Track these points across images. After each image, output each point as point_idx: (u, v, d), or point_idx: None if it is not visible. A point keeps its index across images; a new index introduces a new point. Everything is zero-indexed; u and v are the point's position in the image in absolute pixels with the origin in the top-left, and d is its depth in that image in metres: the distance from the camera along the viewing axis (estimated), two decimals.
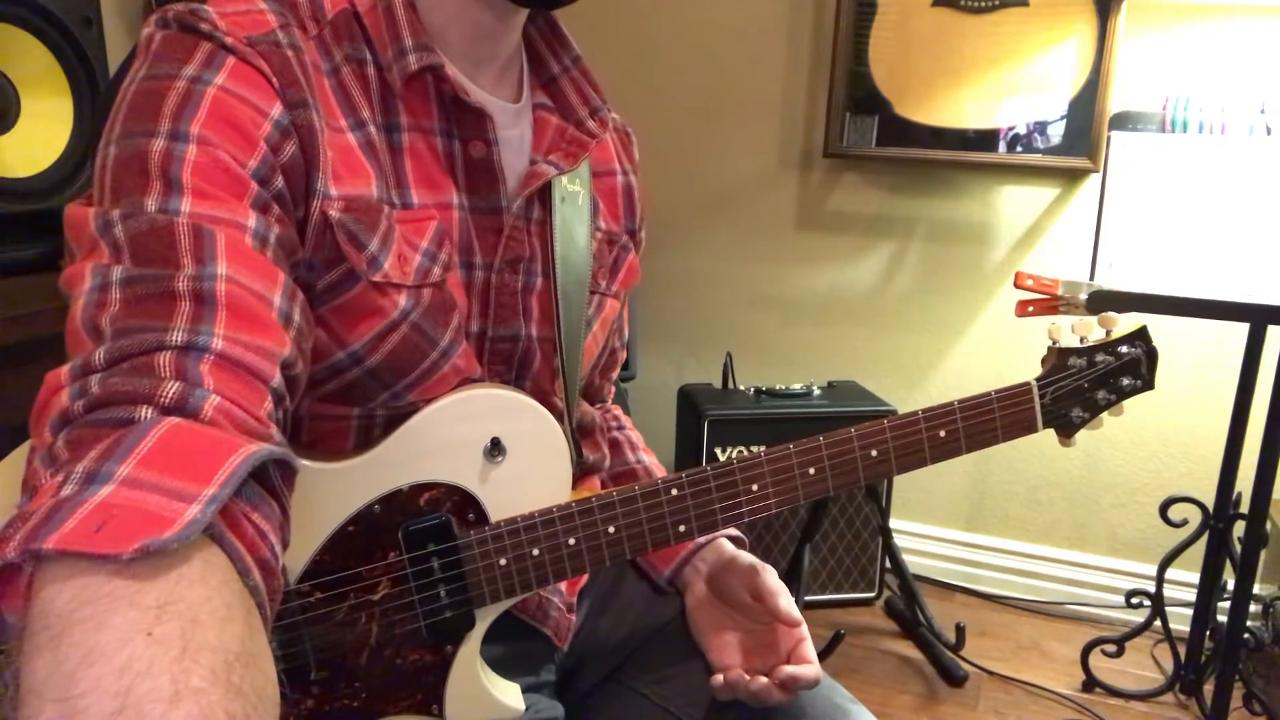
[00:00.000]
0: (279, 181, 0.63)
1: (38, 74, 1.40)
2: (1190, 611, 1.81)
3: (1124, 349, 0.86)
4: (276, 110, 0.63)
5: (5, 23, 1.35)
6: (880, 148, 2.09)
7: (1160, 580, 1.79)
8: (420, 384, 0.72)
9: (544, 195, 0.79)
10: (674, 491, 0.76)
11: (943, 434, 0.81)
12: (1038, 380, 0.84)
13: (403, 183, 0.71)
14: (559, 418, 0.78)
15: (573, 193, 0.81)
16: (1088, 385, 0.85)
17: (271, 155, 0.62)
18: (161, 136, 0.59)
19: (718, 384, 2.15)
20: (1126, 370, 0.86)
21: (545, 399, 0.78)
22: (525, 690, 0.80)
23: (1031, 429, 0.84)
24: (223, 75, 0.62)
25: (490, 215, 0.75)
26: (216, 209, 0.58)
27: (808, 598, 2.04)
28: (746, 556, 0.87)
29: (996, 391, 0.82)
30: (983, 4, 1.95)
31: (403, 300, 0.69)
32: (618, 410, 1.03)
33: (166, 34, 0.64)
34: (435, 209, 0.72)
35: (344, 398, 0.71)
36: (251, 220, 0.60)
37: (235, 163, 0.60)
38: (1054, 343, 0.86)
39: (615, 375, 1.02)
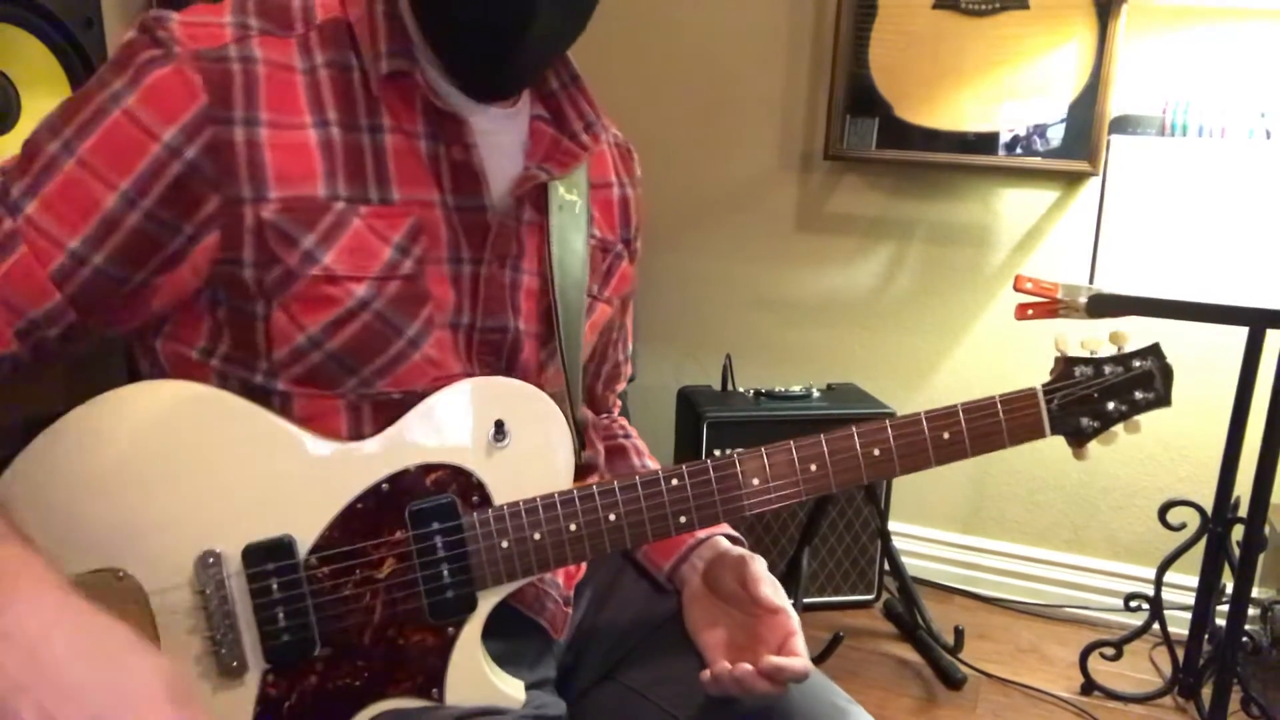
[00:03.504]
0: (152, 196, 0.69)
1: (38, 74, 1.40)
2: (1189, 615, 1.81)
3: (1136, 363, 0.86)
4: (170, 133, 0.69)
5: (5, 23, 1.35)
6: (880, 150, 2.09)
7: (1159, 583, 1.79)
8: (390, 372, 0.75)
9: (538, 200, 0.83)
10: (674, 482, 0.78)
11: (946, 435, 0.81)
12: (1044, 386, 0.85)
13: (383, 180, 0.75)
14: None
15: (570, 202, 0.85)
16: (1097, 395, 0.85)
17: (149, 176, 0.69)
18: (59, 141, 0.69)
19: (717, 386, 2.15)
20: (1139, 384, 0.85)
21: None
22: (528, 686, 0.81)
23: (1039, 434, 0.84)
24: (135, 95, 0.69)
25: (475, 214, 0.79)
26: (51, 225, 0.69)
27: (806, 600, 2.04)
28: (739, 550, 0.89)
29: (1001, 396, 0.83)
30: (983, 6, 1.95)
31: (360, 290, 0.73)
32: (624, 421, 1.05)
33: (131, 39, 0.71)
34: (417, 206, 0.76)
35: (312, 381, 0.74)
36: (75, 243, 0.69)
37: (104, 186, 0.69)
38: (1061, 353, 0.86)
39: (620, 388, 1.04)
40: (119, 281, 0.71)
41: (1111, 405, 0.85)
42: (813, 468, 0.80)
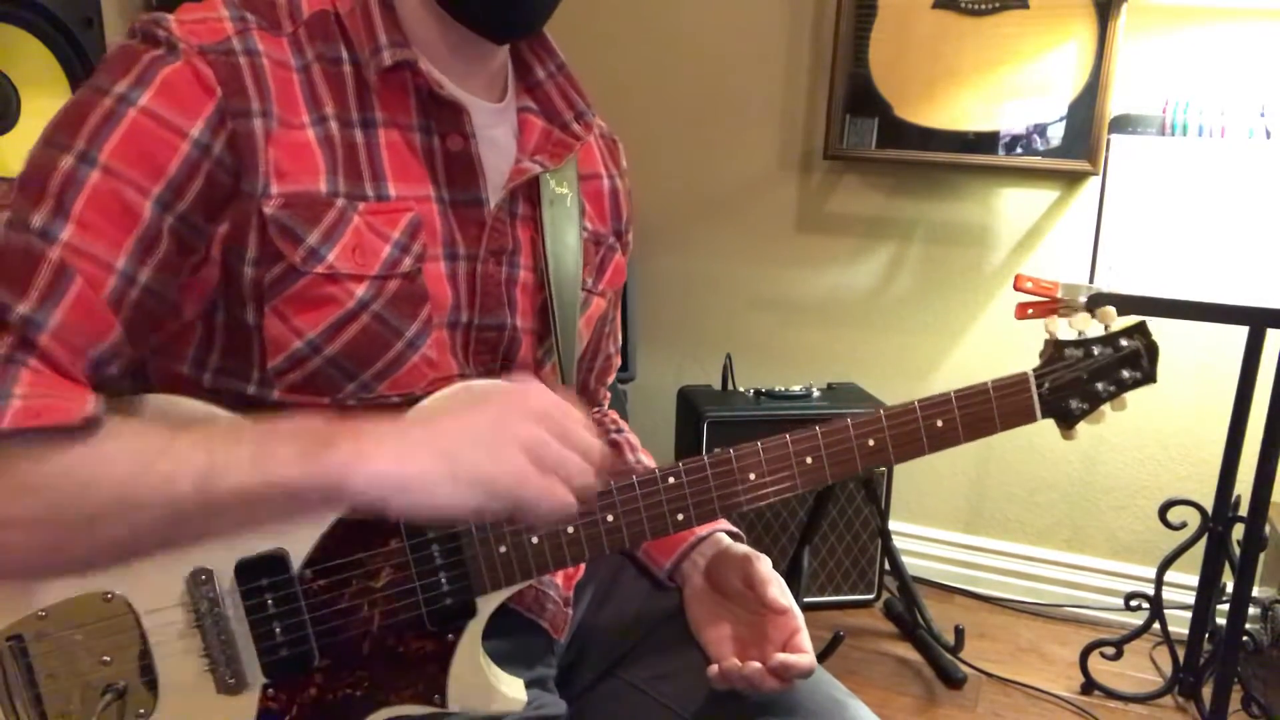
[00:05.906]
0: (188, 199, 0.66)
1: (38, 74, 1.40)
2: (1189, 614, 1.81)
3: (1123, 342, 0.86)
4: (197, 129, 0.66)
5: (5, 23, 1.35)
6: (880, 149, 2.09)
7: (1159, 583, 1.79)
8: (389, 375, 0.74)
9: (531, 194, 0.82)
10: (671, 480, 0.77)
11: (940, 423, 0.81)
12: (1034, 371, 0.85)
13: (379, 176, 0.74)
14: None
15: (561, 195, 0.84)
16: (1086, 376, 0.85)
17: (183, 177, 0.66)
18: (72, 154, 0.63)
19: (717, 385, 2.15)
20: (1126, 363, 0.86)
21: None
22: (527, 685, 0.81)
23: (1030, 418, 0.84)
24: (149, 94, 0.65)
25: (471, 208, 0.78)
26: (94, 245, 0.63)
27: (807, 599, 2.04)
28: (742, 547, 0.89)
29: (993, 381, 0.83)
30: (983, 6, 1.95)
31: (361, 290, 0.71)
32: (614, 414, 1.05)
33: (124, 45, 0.68)
34: (413, 201, 0.75)
35: (310, 388, 0.72)
36: (122, 261, 0.64)
37: (136, 193, 0.64)
38: (1050, 336, 0.87)
39: (610, 380, 1.04)
40: (161, 299, 0.68)
41: (1100, 386, 0.85)
42: (808, 460, 0.80)
